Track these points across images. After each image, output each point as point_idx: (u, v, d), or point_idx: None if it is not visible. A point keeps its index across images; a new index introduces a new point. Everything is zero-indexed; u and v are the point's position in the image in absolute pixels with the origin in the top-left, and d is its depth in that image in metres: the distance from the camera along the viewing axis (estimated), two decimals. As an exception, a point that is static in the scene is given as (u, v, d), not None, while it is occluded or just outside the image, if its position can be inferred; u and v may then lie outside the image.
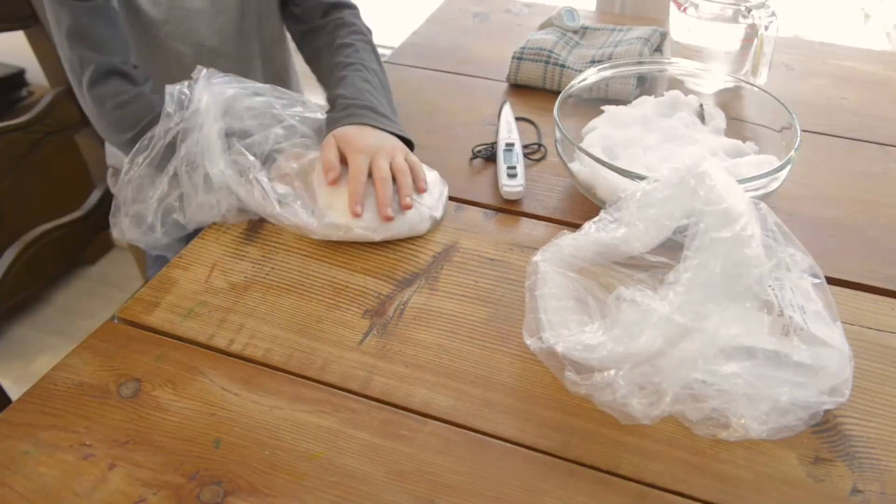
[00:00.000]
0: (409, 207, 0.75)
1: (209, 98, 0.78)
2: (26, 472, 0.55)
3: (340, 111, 0.83)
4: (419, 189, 0.78)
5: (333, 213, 0.75)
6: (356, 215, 0.74)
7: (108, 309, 1.73)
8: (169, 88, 0.78)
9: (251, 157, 0.78)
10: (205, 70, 0.79)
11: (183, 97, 0.78)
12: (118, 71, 0.85)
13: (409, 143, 0.84)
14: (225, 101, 0.80)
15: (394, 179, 0.77)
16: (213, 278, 0.73)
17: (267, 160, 0.81)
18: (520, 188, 0.82)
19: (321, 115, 0.86)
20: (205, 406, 0.60)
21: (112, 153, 1.12)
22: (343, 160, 0.78)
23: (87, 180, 1.21)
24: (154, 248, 0.82)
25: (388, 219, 0.74)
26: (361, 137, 0.79)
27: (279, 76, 1.13)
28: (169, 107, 0.78)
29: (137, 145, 0.78)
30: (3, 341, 1.79)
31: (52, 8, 0.86)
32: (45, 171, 1.65)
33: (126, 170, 0.78)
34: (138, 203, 0.79)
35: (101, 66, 0.85)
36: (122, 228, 0.80)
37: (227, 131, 0.79)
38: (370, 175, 0.77)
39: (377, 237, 0.75)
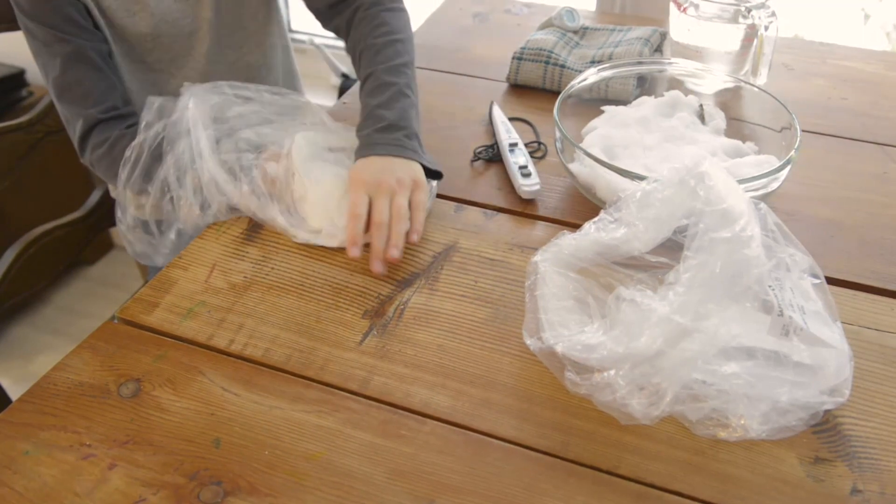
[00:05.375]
0: (393, 260, 0.70)
1: (195, 104, 0.79)
2: (26, 472, 0.55)
3: (367, 135, 0.79)
4: (409, 239, 0.72)
5: (311, 219, 0.76)
6: (352, 256, 0.71)
7: (108, 309, 1.74)
8: (150, 99, 0.80)
9: (240, 154, 0.79)
10: (192, 85, 0.81)
11: (164, 107, 0.79)
12: (102, 121, 0.87)
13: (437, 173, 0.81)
14: (212, 108, 0.80)
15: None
16: (212, 278, 0.73)
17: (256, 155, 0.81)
18: (537, 186, 0.82)
19: (314, 113, 0.87)
20: (205, 406, 0.60)
21: None
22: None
23: (87, 180, 1.21)
24: (158, 261, 0.83)
25: (377, 271, 0.70)
26: (366, 168, 0.76)
27: (282, 81, 1.13)
28: (147, 117, 0.79)
29: (122, 160, 0.80)
30: (3, 341, 1.79)
31: (38, 62, 0.88)
32: (45, 171, 1.65)
33: (113, 187, 0.80)
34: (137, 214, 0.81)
35: (87, 121, 0.87)
36: (131, 241, 0.82)
37: (217, 138, 0.80)
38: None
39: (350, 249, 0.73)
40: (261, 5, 1.02)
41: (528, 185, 0.82)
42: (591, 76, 0.87)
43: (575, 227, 0.66)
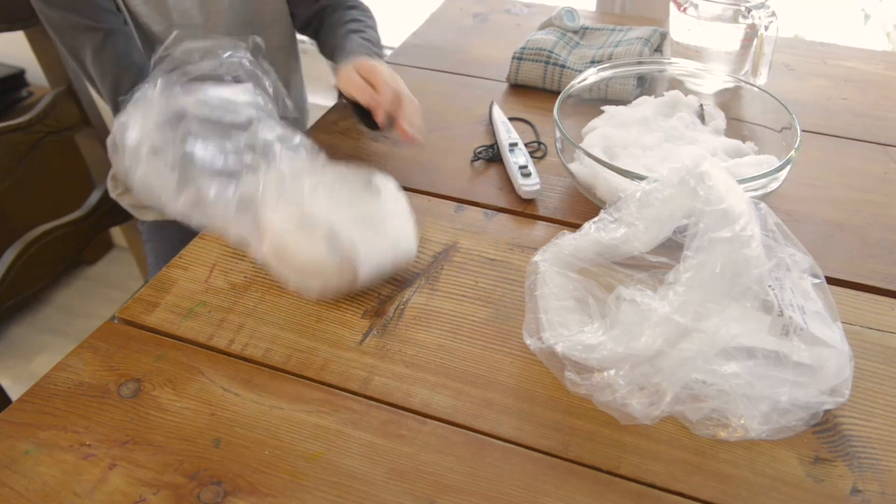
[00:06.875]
0: (410, 138, 0.80)
1: (138, 133, 0.69)
2: (26, 472, 0.55)
3: (350, 49, 0.90)
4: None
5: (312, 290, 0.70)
6: (407, 137, 0.80)
7: (108, 309, 1.74)
8: (109, 139, 0.72)
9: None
10: (138, 89, 0.72)
11: (117, 136, 0.71)
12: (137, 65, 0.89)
13: None
14: (157, 126, 0.70)
15: None
16: (213, 278, 0.73)
17: (234, 176, 0.71)
18: (537, 186, 0.82)
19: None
20: (205, 406, 0.60)
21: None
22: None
23: (87, 180, 1.21)
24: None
25: (413, 138, 0.80)
26: (382, 69, 0.84)
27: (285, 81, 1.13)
28: (122, 166, 0.70)
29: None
30: (3, 341, 1.79)
31: (69, 43, 0.88)
32: (45, 171, 1.65)
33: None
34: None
35: (125, 70, 0.88)
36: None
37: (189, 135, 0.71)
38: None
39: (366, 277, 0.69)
40: (269, 3, 1.03)
41: (529, 185, 0.82)
42: (591, 76, 0.87)
43: (575, 227, 0.66)
